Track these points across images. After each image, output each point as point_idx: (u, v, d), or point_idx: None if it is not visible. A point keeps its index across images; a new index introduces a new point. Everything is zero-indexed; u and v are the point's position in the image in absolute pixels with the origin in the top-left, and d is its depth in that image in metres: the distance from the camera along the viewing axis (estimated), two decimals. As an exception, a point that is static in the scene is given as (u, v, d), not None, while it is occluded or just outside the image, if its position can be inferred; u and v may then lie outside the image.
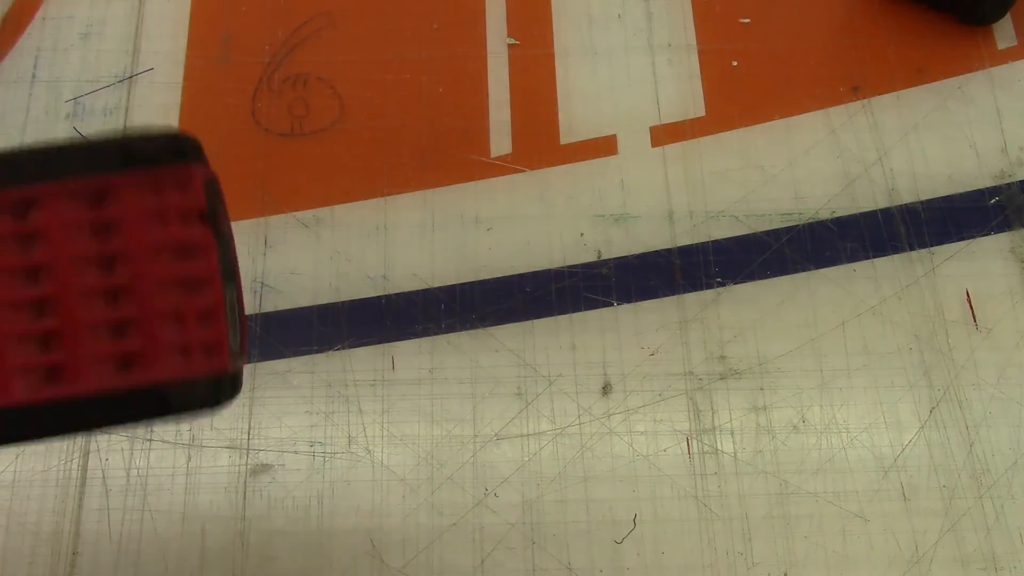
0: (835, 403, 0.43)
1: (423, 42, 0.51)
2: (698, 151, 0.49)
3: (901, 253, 0.46)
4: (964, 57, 0.51)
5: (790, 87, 0.50)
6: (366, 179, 0.48)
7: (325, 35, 0.51)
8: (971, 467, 0.42)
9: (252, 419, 0.43)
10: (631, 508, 0.42)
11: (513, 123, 0.49)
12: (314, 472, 0.42)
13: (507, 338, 0.45)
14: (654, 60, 0.51)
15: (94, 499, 0.41)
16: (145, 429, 0.43)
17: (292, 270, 0.46)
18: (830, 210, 0.47)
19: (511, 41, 0.51)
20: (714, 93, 0.50)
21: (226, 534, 0.41)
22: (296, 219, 0.47)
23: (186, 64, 0.50)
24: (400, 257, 0.46)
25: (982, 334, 0.45)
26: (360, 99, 0.50)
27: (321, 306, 0.45)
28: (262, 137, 0.48)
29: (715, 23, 0.52)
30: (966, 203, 0.47)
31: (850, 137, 0.49)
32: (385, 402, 0.43)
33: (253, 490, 0.42)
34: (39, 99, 0.50)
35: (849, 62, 0.51)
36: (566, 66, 0.51)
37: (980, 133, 0.49)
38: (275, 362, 0.44)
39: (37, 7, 0.52)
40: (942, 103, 0.50)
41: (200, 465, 0.42)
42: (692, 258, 0.46)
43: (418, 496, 0.42)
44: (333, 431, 0.43)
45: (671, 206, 0.47)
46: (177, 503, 0.41)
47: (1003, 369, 0.44)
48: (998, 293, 0.45)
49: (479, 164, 0.48)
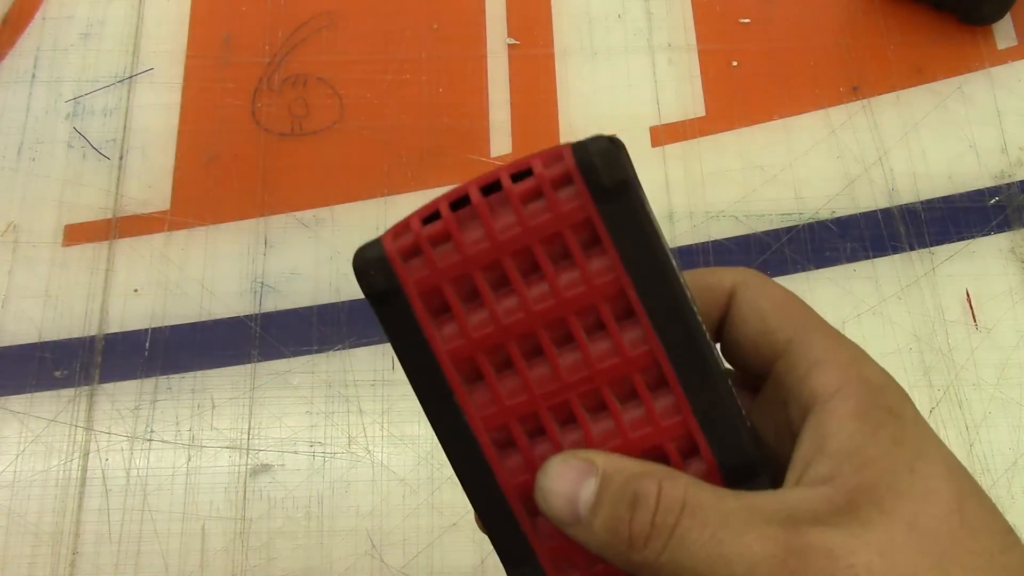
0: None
1: (423, 42, 0.51)
2: (698, 151, 0.49)
3: (901, 253, 0.46)
4: (964, 57, 0.51)
5: (790, 87, 0.50)
6: (366, 179, 0.48)
7: (325, 35, 0.51)
8: (971, 467, 0.42)
9: (252, 419, 0.43)
10: (631, 508, 0.42)
11: (513, 123, 0.49)
12: (314, 472, 0.42)
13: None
14: (654, 60, 0.51)
15: (94, 499, 0.41)
16: (145, 428, 0.43)
17: (292, 270, 0.46)
18: (830, 210, 0.47)
19: (511, 41, 0.51)
20: (714, 93, 0.50)
21: (226, 534, 0.41)
22: (296, 219, 0.47)
23: (186, 64, 0.50)
24: (400, 257, 0.46)
25: (982, 334, 0.45)
26: (360, 99, 0.50)
27: (321, 306, 0.45)
28: (262, 137, 0.48)
29: (715, 23, 0.52)
30: (966, 203, 0.47)
31: (850, 137, 0.49)
32: (385, 402, 0.43)
33: (253, 490, 0.42)
34: (39, 99, 0.50)
35: (849, 62, 0.51)
36: (566, 66, 0.51)
37: (980, 133, 0.49)
38: (275, 362, 0.44)
39: (37, 7, 0.52)
40: (942, 103, 0.50)
41: (200, 465, 0.42)
42: (692, 258, 0.46)
43: (418, 496, 0.42)
44: (333, 431, 0.43)
45: (671, 206, 0.47)
46: (177, 503, 0.41)
47: (1003, 369, 0.44)
48: (998, 293, 0.45)
49: (479, 164, 0.48)
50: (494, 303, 0.21)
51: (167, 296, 0.45)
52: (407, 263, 0.21)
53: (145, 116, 0.49)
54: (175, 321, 0.45)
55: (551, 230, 0.20)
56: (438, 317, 0.21)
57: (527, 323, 0.21)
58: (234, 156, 0.48)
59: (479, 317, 0.21)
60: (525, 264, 0.21)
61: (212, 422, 0.43)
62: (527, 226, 0.21)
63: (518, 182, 0.21)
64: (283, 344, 0.44)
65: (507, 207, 0.21)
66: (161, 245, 0.46)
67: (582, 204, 0.20)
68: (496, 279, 0.21)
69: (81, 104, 0.49)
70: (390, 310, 0.21)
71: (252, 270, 0.46)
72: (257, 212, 0.47)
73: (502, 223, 0.21)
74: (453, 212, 0.21)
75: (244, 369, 0.44)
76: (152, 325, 0.45)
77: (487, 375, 0.21)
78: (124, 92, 0.50)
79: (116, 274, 0.46)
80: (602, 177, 0.20)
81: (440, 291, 0.21)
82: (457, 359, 0.21)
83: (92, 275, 0.46)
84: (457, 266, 0.21)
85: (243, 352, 0.44)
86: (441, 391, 0.21)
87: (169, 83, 0.50)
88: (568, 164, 0.20)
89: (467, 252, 0.21)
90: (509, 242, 0.21)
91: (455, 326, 0.21)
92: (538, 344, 0.21)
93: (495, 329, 0.21)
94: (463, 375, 0.21)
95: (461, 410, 0.21)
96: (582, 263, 0.21)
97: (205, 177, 0.48)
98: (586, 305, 0.21)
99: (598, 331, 0.21)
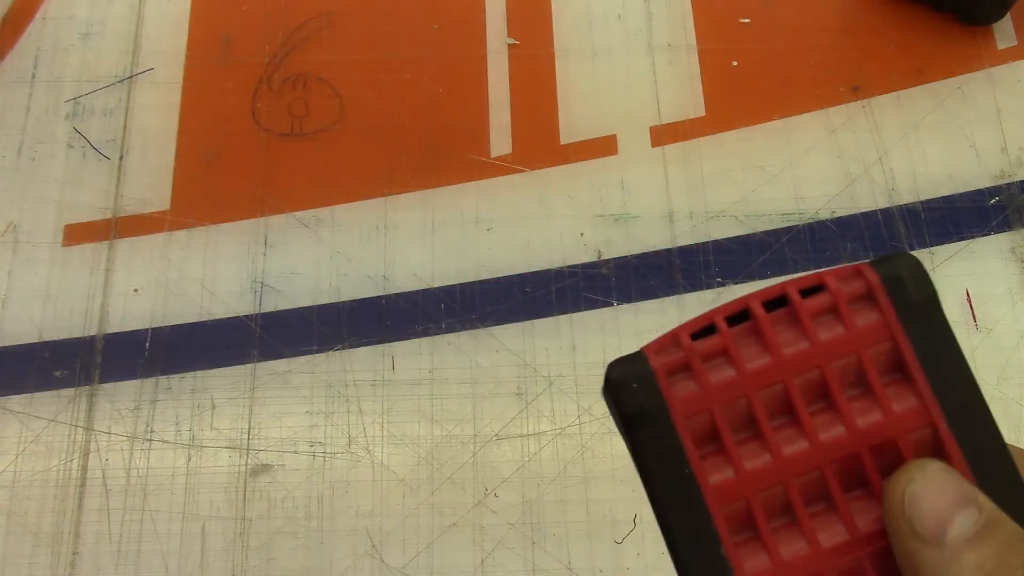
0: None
1: (423, 42, 0.51)
2: (698, 151, 0.49)
3: (901, 253, 0.46)
4: (964, 57, 0.51)
5: (790, 87, 0.50)
6: (366, 179, 0.48)
7: (325, 35, 0.51)
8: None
9: (252, 419, 0.43)
10: (631, 508, 0.42)
11: (513, 123, 0.49)
12: (314, 472, 0.42)
13: (507, 338, 0.45)
14: (654, 60, 0.51)
15: (94, 499, 0.41)
16: (145, 428, 0.43)
17: (292, 270, 0.46)
18: (830, 210, 0.47)
19: (511, 41, 0.51)
20: (714, 93, 0.50)
21: (226, 534, 0.41)
22: (296, 219, 0.47)
23: (186, 64, 0.50)
24: (400, 257, 0.46)
25: (982, 334, 0.45)
26: (360, 99, 0.50)
27: (321, 306, 0.45)
28: (262, 137, 0.48)
29: (715, 23, 0.52)
30: (966, 203, 0.47)
31: (850, 137, 0.49)
32: (385, 402, 0.43)
33: (253, 490, 0.42)
34: (39, 99, 0.50)
35: (849, 62, 0.51)
36: (566, 66, 0.51)
37: (980, 133, 0.49)
38: (275, 362, 0.44)
39: (37, 7, 0.52)
40: (942, 103, 0.50)
41: (200, 465, 0.42)
42: (692, 258, 0.46)
43: (418, 496, 0.42)
44: (333, 431, 0.43)
45: (671, 206, 0.47)
46: (177, 503, 0.41)
47: (1003, 369, 0.44)
48: (998, 293, 0.45)
49: (479, 164, 0.48)
50: (773, 436, 0.18)
51: (167, 296, 0.45)
52: (673, 381, 0.19)
53: (145, 116, 0.49)
54: (175, 321, 0.45)
55: (847, 350, 0.18)
56: (705, 450, 0.19)
57: (814, 463, 0.18)
58: (234, 156, 0.48)
59: (755, 453, 0.18)
60: (814, 393, 0.19)
61: (212, 422, 0.43)
62: (817, 346, 0.18)
63: (807, 298, 0.19)
64: (283, 344, 0.44)
65: (794, 324, 0.19)
66: (161, 245, 0.46)
67: (886, 323, 0.18)
68: (779, 409, 0.19)
69: (81, 104, 0.49)
70: (649, 438, 0.18)
71: (252, 270, 0.46)
72: (257, 212, 0.47)
73: (789, 343, 0.18)
74: (730, 327, 0.19)
75: (244, 369, 0.44)
76: (152, 325, 0.45)
77: (760, 527, 0.18)
78: (124, 92, 0.50)
79: (116, 274, 0.46)
80: (911, 292, 0.18)
81: (712, 421, 0.18)
82: (726, 497, 0.18)
83: (92, 275, 0.46)
84: (733, 387, 0.18)
85: (243, 352, 0.44)
86: (706, 535, 0.18)
87: (169, 83, 0.50)
88: (870, 278, 0.18)
89: (746, 374, 0.18)
90: (795, 361, 0.18)
91: (727, 463, 0.18)
92: (825, 487, 0.18)
93: (775, 469, 0.18)
94: (733, 527, 0.18)
95: (728, 563, 0.18)
96: (881, 391, 0.18)
97: (205, 177, 0.48)
98: (886, 439, 0.18)
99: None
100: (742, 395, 0.18)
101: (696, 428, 0.18)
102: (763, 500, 0.18)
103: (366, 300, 0.45)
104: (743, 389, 0.18)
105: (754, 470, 0.18)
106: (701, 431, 0.19)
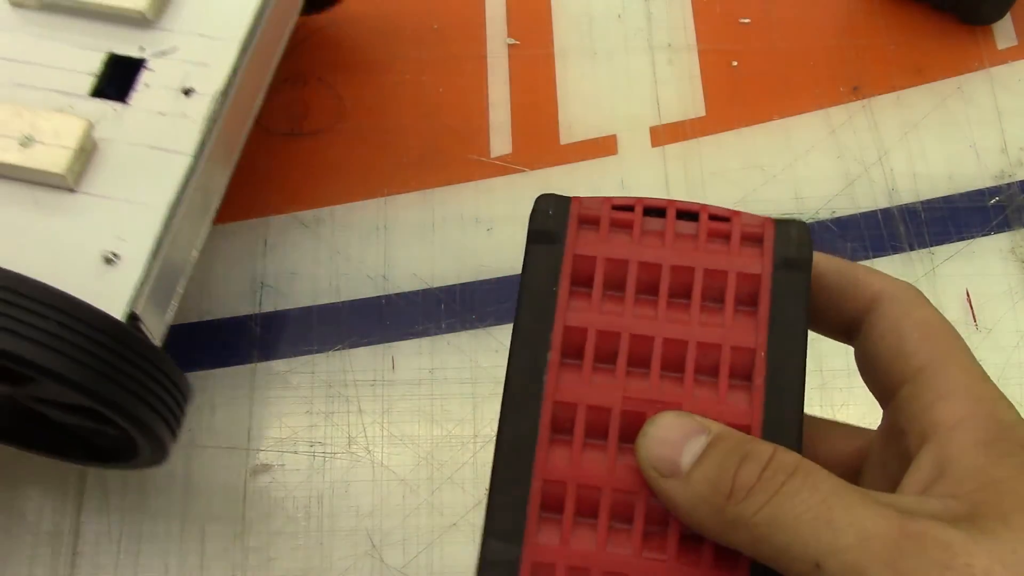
0: (835, 403, 0.43)
1: (423, 42, 0.51)
2: (698, 151, 0.49)
3: (901, 253, 0.46)
4: (964, 57, 0.51)
5: (790, 87, 0.50)
6: (366, 179, 0.48)
7: (325, 35, 0.51)
8: (971, 467, 0.42)
9: (252, 419, 0.43)
10: (631, 508, 0.42)
11: (513, 123, 0.49)
12: (314, 472, 0.42)
13: (507, 338, 0.44)
14: (654, 60, 0.51)
15: (94, 499, 0.41)
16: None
17: (292, 270, 0.46)
18: (830, 210, 0.47)
19: (511, 41, 0.51)
20: (714, 93, 0.50)
21: (226, 534, 0.41)
22: (296, 219, 0.47)
23: (186, 64, 0.50)
24: (400, 257, 0.46)
25: (982, 334, 0.45)
26: (360, 99, 0.50)
27: (321, 306, 0.45)
28: (262, 137, 0.48)
29: (715, 23, 0.52)
30: (966, 203, 0.47)
31: (850, 137, 0.49)
32: (385, 402, 0.43)
33: (253, 490, 0.42)
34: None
35: (849, 62, 0.51)
36: (566, 66, 0.51)
37: (980, 133, 0.49)
38: (275, 362, 0.44)
39: (37, 7, 0.52)
40: (942, 103, 0.50)
41: (200, 465, 0.42)
42: (692, 258, 0.46)
43: (418, 496, 0.42)
44: (333, 431, 0.43)
45: (671, 206, 0.47)
46: (177, 503, 0.41)
47: (1003, 369, 0.44)
48: (998, 293, 0.45)
49: (479, 164, 0.48)
50: (633, 301, 0.22)
51: (167, 296, 0.45)
52: (582, 227, 0.22)
53: (145, 116, 0.49)
54: (175, 321, 0.45)
55: (720, 267, 0.22)
56: (577, 286, 0.22)
57: (652, 332, 0.21)
58: (234, 156, 0.48)
59: (612, 306, 0.22)
60: (679, 287, 0.22)
61: (212, 422, 0.43)
62: (701, 254, 0.22)
63: (714, 221, 0.22)
64: (283, 344, 0.44)
65: (693, 235, 0.22)
66: (161, 245, 0.46)
67: (761, 263, 0.22)
68: (647, 286, 0.22)
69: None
70: (541, 252, 0.22)
71: (252, 270, 0.46)
72: (257, 212, 0.47)
73: (681, 244, 0.22)
74: (645, 215, 0.22)
75: (244, 369, 0.44)
76: (152, 325, 0.45)
77: (586, 357, 0.21)
78: (124, 92, 0.50)
79: (116, 274, 0.46)
80: (791, 249, 0.22)
81: (593, 266, 0.22)
82: (571, 331, 0.21)
83: (92, 275, 0.46)
84: (621, 254, 0.22)
85: (243, 352, 0.44)
86: (537, 349, 0.21)
87: (169, 83, 0.50)
88: (767, 228, 0.22)
89: (637, 248, 0.22)
90: (677, 258, 0.22)
91: (587, 303, 0.22)
92: (649, 354, 0.21)
93: (620, 322, 0.21)
94: (566, 348, 0.21)
95: (544, 377, 0.21)
96: (731, 311, 0.21)
97: (205, 177, 0.48)
98: (712, 346, 0.21)
99: (708, 376, 0.21)
100: (625, 259, 0.22)
101: (579, 268, 0.22)
102: (599, 343, 0.21)
103: (366, 300, 0.45)
104: (628, 255, 0.22)
105: (604, 320, 0.21)
106: (582, 272, 0.22)
